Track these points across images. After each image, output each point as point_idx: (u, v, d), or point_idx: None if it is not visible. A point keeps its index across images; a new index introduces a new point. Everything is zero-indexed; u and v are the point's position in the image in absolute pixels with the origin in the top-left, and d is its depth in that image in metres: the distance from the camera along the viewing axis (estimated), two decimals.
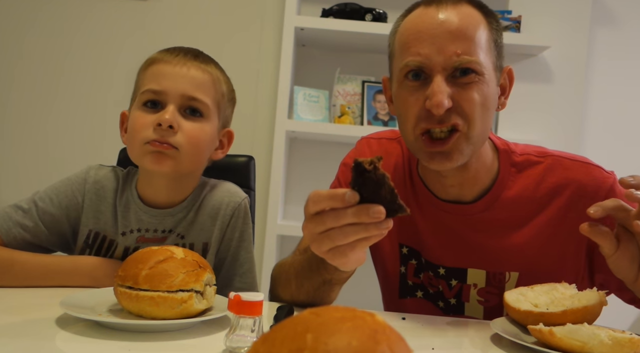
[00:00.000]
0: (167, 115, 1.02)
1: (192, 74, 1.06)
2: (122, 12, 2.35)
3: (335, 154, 1.19)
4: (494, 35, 0.97)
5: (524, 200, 1.02)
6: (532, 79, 2.29)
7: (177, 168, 1.05)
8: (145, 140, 1.02)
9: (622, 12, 2.40)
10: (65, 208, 1.10)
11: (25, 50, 2.36)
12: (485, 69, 0.93)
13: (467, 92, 0.92)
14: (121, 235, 1.09)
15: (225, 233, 1.12)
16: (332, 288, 0.96)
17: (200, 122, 1.06)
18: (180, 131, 1.03)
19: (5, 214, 1.07)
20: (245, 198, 1.15)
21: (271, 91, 2.32)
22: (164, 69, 1.06)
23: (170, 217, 1.10)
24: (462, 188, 1.03)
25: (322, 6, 2.26)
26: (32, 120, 2.35)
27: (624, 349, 0.73)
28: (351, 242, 0.76)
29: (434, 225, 1.07)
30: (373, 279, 1.23)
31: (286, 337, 0.37)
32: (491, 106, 0.96)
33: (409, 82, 0.95)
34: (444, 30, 0.92)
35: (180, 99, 1.04)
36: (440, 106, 0.90)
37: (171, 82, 1.04)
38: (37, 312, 0.84)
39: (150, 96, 1.05)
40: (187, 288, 0.80)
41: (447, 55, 0.91)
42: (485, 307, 1.04)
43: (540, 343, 0.79)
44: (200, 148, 1.07)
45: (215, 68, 1.11)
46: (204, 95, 1.06)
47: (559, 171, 1.02)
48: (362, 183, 0.74)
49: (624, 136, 2.38)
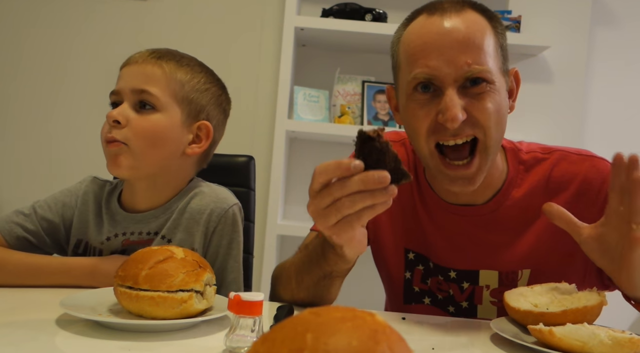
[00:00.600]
0: (113, 111, 1.02)
1: (142, 69, 1.05)
2: (122, 12, 2.35)
3: (335, 154, 1.18)
4: (499, 39, 0.95)
5: (533, 197, 1.02)
6: (532, 79, 2.29)
7: (135, 166, 1.03)
8: (103, 142, 1.04)
9: (622, 12, 2.40)
10: (61, 216, 1.12)
11: (25, 51, 2.36)
12: (495, 76, 0.92)
13: (481, 103, 0.91)
14: (106, 240, 1.09)
15: (211, 239, 1.09)
16: (332, 283, 0.96)
17: (152, 114, 1.04)
18: (129, 125, 1.02)
19: (7, 217, 1.09)
20: (235, 205, 1.11)
21: (271, 91, 2.32)
22: (123, 70, 1.08)
23: (154, 219, 1.09)
24: (474, 195, 1.02)
25: (322, 6, 2.26)
26: (31, 120, 2.35)
27: (624, 349, 0.73)
28: (358, 211, 0.76)
29: (443, 228, 1.06)
30: (374, 279, 1.23)
31: (286, 337, 0.37)
32: (504, 113, 0.95)
33: (418, 95, 0.93)
34: (451, 40, 0.89)
35: (131, 94, 1.04)
36: (455, 120, 0.88)
37: (124, 80, 1.05)
38: (37, 312, 0.84)
39: (112, 99, 1.07)
40: (187, 288, 0.80)
41: (457, 66, 0.89)
42: (498, 307, 1.04)
43: (540, 343, 0.79)
44: (152, 141, 1.04)
45: (172, 62, 1.07)
46: (152, 87, 1.04)
47: (565, 165, 1.03)
48: (367, 152, 0.76)
49: (624, 136, 2.38)
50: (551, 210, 0.89)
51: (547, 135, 2.26)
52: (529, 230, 1.02)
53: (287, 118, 2.14)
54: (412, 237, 1.09)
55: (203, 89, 1.10)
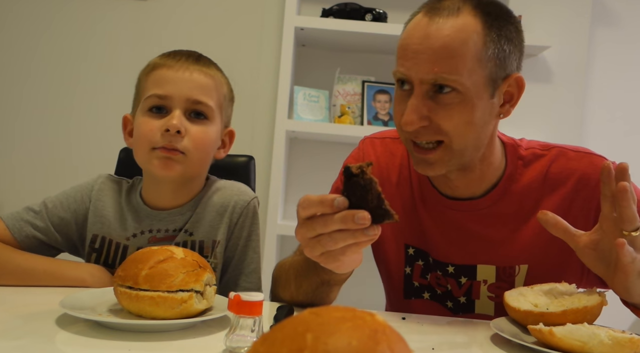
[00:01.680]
0: (174, 120, 1.03)
1: (195, 77, 1.07)
2: (122, 12, 2.35)
3: (335, 154, 1.19)
4: (492, 46, 0.92)
5: (531, 192, 1.03)
6: (532, 79, 2.29)
7: (185, 172, 1.06)
8: (152, 146, 1.04)
9: (622, 12, 2.40)
10: (73, 212, 1.12)
11: (24, 51, 2.36)
12: (470, 85, 0.91)
13: (447, 112, 0.92)
14: (132, 237, 1.10)
15: (233, 231, 1.12)
16: (330, 289, 0.97)
17: (206, 124, 1.08)
18: (187, 135, 1.04)
19: (17, 214, 1.10)
20: (255, 198, 1.16)
21: (271, 91, 2.32)
22: (167, 74, 1.07)
23: (179, 216, 1.11)
24: (469, 187, 1.04)
25: (322, 6, 2.26)
26: (31, 120, 2.35)
27: (624, 349, 0.73)
28: (341, 247, 0.77)
29: (441, 223, 1.07)
30: (374, 279, 1.23)
31: (286, 336, 0.37)
32: (479, 121, 0.94)
33: (399, 90, 0.97)
34: (427, 47, 0.91)
35: (185, 103, 1.05)
36: (408, 124, 0.92)
37: (175, 87, 1.05)
38: (37, 312, 0.84)
39: (155, 101, 1.06)
40: (187, 288, 0.80)
41: (425, 71, 0.91)
42: (496, 302, 1.05)
43: (540, 343, 0.79)
44: (206, 151, 1.09)
45: (217, 70, 1.12)
46: (207, 99, 1.07)
47: (562, 161, 1.04)
48: (351, 189, 0.75)
49: (624, 136, 2.38)
50: (546, 218, 0.88)
51: (547, 135, 2.26)
52: (527, 226, 1.03)
53: (287, 118, 2.14)
54: (412, 232, 1.10)
55: (230, 97, 1.16)
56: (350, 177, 0.74)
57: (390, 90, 2.23)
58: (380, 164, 1.14)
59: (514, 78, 0.97)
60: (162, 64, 1.08)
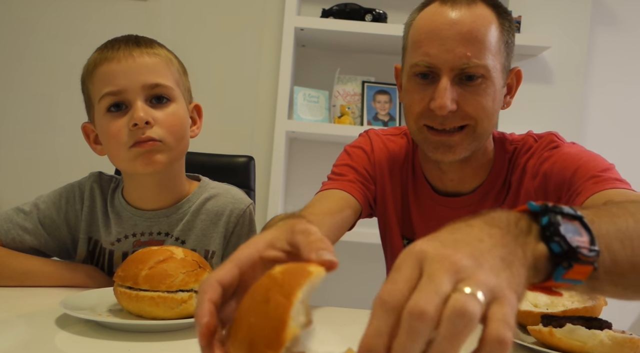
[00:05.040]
0: (139, 112, 0.96)
1: (143, 61, 1.00)
2: (122, 12, 2.35)
3: (335, 154, 1.19)
4: (505, 36, 0.97)
5: (512, 187, 1.05)
6: (532, 79, 2.29)
7: (168, 160, 1.01)
8: (128, 145, 0.98)
9: (622, 12, 2.40)
10: (65, 213, 1.09)
11: (24, 51, 2.36)
12: (493, 72, 0.94)
13: (474, 97, 0.94)
14: (117, 242, 1.07)
15: (229, 240, 1.09)
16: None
17: (170, 106, 1.01)
18: (157, 124, 0.98)
19: (7, 216, 1.07)
20: (251, 204, 1.13)
21: (271, 91, 2.32)
22: (112, 67, 0.99)
23: (164, 218, 1.07)
24: (463, 182, 1.06)
25: (322, 6, 2.26)
26: (31, 120, 2.35)
27: (624, 349, 0.73)
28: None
29: (428, 218, 1.09)
30: (374, 279, 1.23)
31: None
32: (497, 107, 0.98)
33: (417, 79, 0.97)
34: (455, 32, 0.92)
35: (142, 91, 0.98)
36: (443, 108, 0.92)
37: (126, 78, 0.98)
38: (37, 312, 0.84)
39: (111, 100, 0.99)
40: (187, 289, 0.80)
41: (456, 56, 0.92)
42: None
43: (540, 343, 0.79)
44: (181, 133, 1.02)
45: (161, 47, 1.05)
46: (163, 79, 1.01)
47: (534, 160, 1.04)
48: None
49: (624, 136, 2.38)
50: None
51: None
52: None
53: (287, 118, 2.14)
54: (406, 224, 1.13)
55: (183, 70, 1.09)
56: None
57: (390, 90, 2.23)
58: (389, 154, 1.14)
59: (515, 71, 1.03)
60: (102, 58, 1.01)
